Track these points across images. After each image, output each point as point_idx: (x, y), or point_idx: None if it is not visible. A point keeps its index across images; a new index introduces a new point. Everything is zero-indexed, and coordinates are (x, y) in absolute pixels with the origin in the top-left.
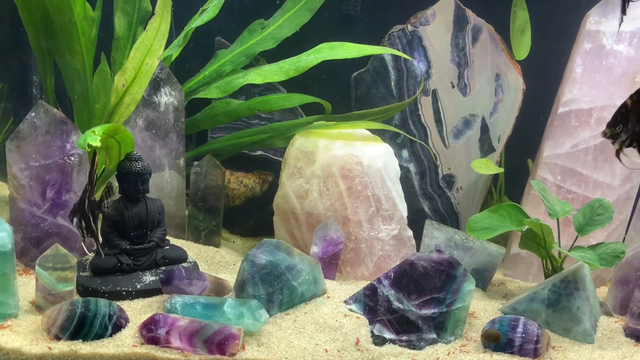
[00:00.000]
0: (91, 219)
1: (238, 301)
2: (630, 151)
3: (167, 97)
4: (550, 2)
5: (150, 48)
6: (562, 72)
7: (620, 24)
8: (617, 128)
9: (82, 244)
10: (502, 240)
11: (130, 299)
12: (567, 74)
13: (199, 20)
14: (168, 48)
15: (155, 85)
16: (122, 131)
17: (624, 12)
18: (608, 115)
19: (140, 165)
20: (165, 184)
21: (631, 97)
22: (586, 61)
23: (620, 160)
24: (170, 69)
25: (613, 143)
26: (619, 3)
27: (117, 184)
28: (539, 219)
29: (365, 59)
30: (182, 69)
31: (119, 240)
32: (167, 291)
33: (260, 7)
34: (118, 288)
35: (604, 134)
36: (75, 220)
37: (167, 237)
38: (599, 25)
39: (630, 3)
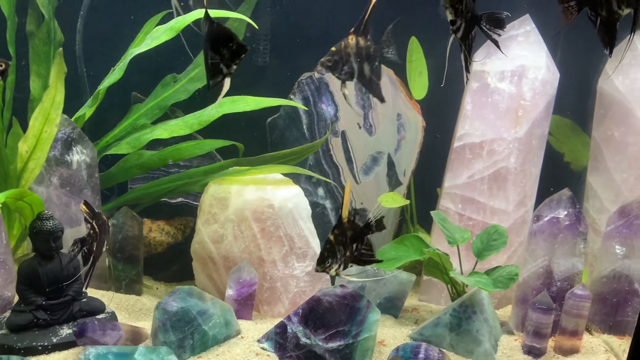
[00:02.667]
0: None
1: (149, 349)
2: None
3: (79, 155)
4: (444, 44)
5: (48, 117)
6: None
7: (466, 80)
8: (327, 262)
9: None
10: (419, 266)
11: (46, 354)
12: (460, 111)
13: (106, 81)
14: (81, 109)
15: (67, 144)
16: (29, 194)
17: (468, 70)
18: (497, 147)
19: (51, 224)
20: None
21: (332, 232)
22: (474, 99)
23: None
24: (86, 125)
25: (328, 272)
26: (501, 45)
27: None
28: (436, 248)
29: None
30: (102, 123)
31: (35, 297)
32: (82, 343)
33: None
34: (34, 343)
35: (316, 270)
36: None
37: (85, 290)
38: (484, 65)
39: (515, 43)
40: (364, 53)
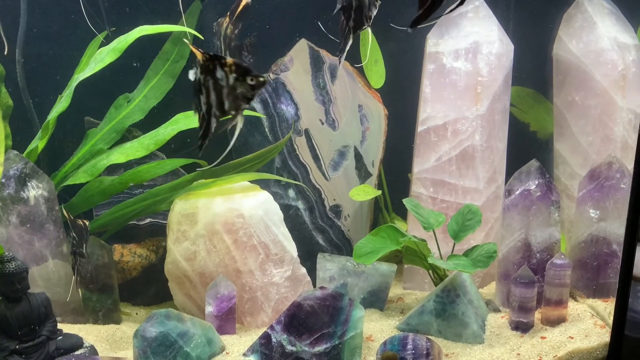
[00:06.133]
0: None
1: None
2: None
3: (36, 190)
4: (396, 30)
5: None
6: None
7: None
8: None
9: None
10: (400, 254)
11: None
12: (420, 94)
13: (54, 111)
14: (32, 142)
15: (21, 181)
16: None
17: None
18: (461, 127)
19: (13, 266)
20: (51, 274)
21: None
22: (432, 81)
23: None
24: (41, 158)
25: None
26: (452, 23)
27: None
28: (413, 235)
29: None
30: (59, 153)
31: (7, 342)
32: None
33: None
34: None
35: None
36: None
37: (60, 327)
38: (438, 46)
39: (465, 20)
40: (228, 41)
